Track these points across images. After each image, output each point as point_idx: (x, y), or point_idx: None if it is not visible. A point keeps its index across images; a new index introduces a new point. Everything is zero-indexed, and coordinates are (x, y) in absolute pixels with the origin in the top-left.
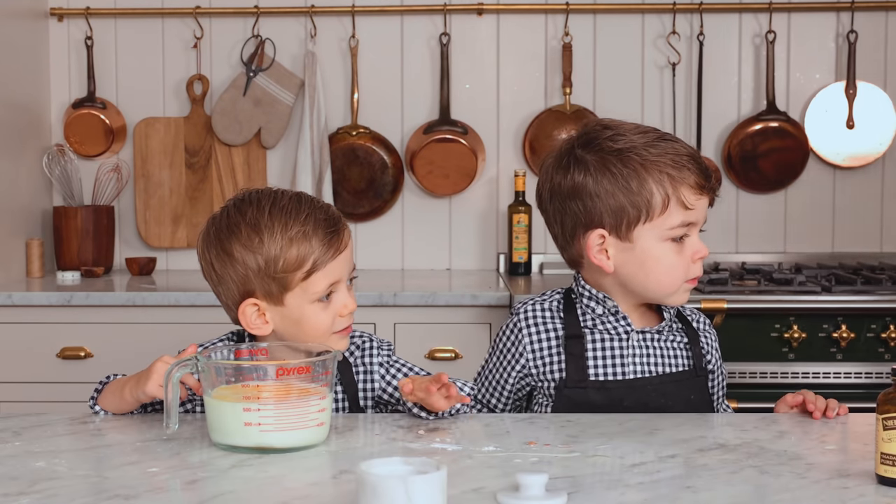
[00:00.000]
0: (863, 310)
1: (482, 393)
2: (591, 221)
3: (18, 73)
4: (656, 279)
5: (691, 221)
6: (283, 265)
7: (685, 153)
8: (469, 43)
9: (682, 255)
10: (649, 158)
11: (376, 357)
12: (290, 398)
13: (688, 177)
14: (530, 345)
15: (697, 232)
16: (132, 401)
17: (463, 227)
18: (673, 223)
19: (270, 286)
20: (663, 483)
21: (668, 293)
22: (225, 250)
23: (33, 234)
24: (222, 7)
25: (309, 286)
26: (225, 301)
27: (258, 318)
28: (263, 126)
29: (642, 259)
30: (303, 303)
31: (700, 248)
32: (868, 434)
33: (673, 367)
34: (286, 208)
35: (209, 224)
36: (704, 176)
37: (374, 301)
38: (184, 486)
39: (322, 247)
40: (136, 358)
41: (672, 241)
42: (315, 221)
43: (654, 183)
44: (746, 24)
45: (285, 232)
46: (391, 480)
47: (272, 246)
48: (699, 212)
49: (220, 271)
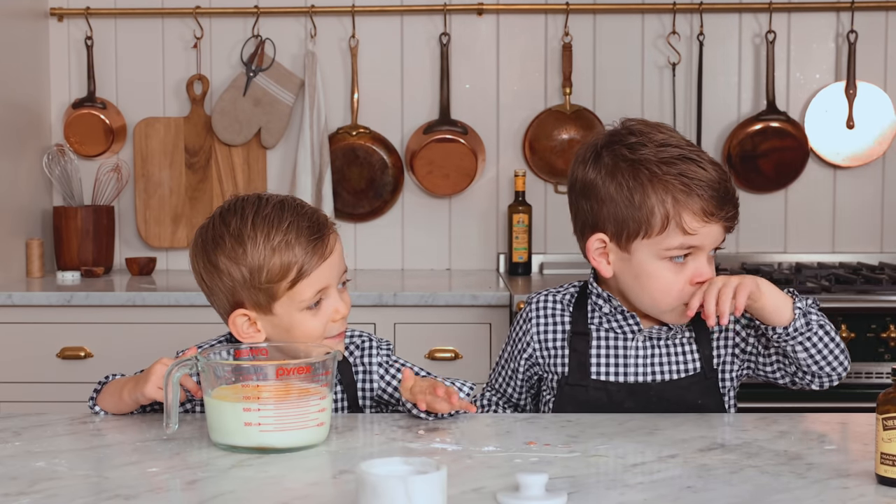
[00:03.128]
0: (863, 310)
1: (497, 380)
2: (595, 224)
3: (18, 73)
4: (650, 295)
5: (693, 245)
6: (268, 275)
7: (700, 178)
8: (469, 43)
9: (679, 276)
10: (658, 175)
11: (375, 357)
12: (290, 398)
13: (695, 202)
14: (537, 335)
15: (705, 255)
16: (130, 402)
17: (463, 227)
18: (671, 244)
19: (258, 297)
20: (663, 483)
21: (662, 311)
22: (211, 262)
23: (33, 234)
24: (222, 7)
25: (296, 294)
26: (217, 310)
27: (249, 327)
28: (263, 126)
29: (637, 272)
30: (291, 311)
31: (703, 272)
32: (868, 434)
33: (680, 371)
34: (269, 217)
35: (197, 235)
36: (717, 204)
37: (374, 301)
38: (184, 486)
39: (306, 254)
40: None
41: (670, 260)
42: (298, 229)
43: (656, 201)
44: (746, 24)
45: (268, 242)
46: (391, 480)
47: (255, 256)
48: (704, 238)
49: (209, 283)
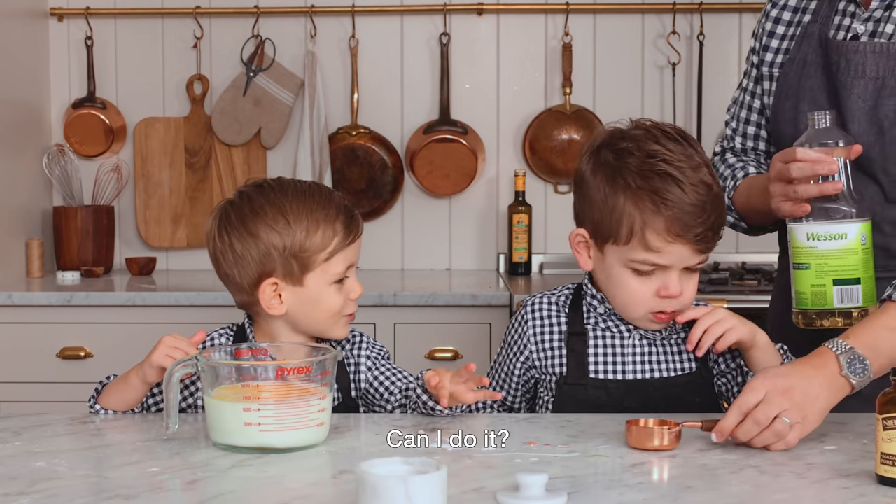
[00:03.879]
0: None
1: (491, 385)
2: (580, 218)
3: (18, 73)
4: (621, 300)
5: (656, 263)
6: (309, 245)
7: (673, 198)
8: (469, 43)
9: (646, 287)
10: (632, 188)
11: (364, 350)
12: (290, 398)
13: (659, 221)
14: (534, 336)
15: (675, 272)
16: (138, 383)
17: (463, 227)
18: (635, 257)
19: (292, 266)
20: (663, 483)
21: (632, 317)
22: (249, 231)
23: (33, 234)
24: (222, 7)
25: (329, 267)
26: (238, 282)
27: (274, 297)
28: (263, 126)
29: (608, 275)
30: (322, 284)
31: (670, 286)
32: (868, 434)
33: (677, 369)
34: (308, 193)
35: (225, 208)
36: (683, 226)
37: (374, 301)
38: (184, 486)
39: (344, 230)
40: (136, 358)
41: (636, 271)
42: (337, 208)
43: (625, 213)
44: (746, 24)
45: (311, 214)
46: (391, 480)
47: (298, 227)
48: (669, 257)
49: (240, 252)
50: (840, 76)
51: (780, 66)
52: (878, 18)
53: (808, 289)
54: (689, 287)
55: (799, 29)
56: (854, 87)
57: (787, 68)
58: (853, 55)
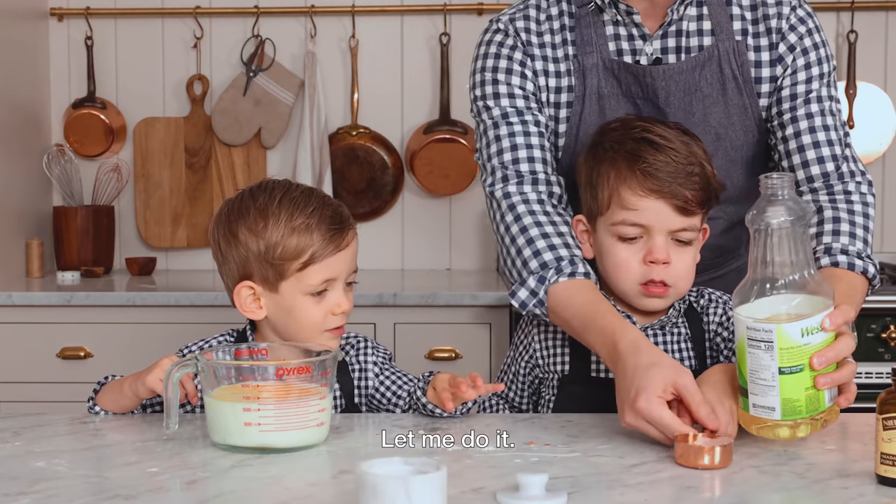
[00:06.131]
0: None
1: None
2: (579, 205)
3: (18, 73)
4: (614, 275)
5: (637, 223)
6: (282, 252)
7: (648, 157)
8: (469, 43)
9: (633, 255)
10: (609, 153)
11: (370, 356)
12: (290, 398)
13: (634, 177)
14: (538, 335)
15: (662, 236)
16: (131, 395)
17: (463, 227)
18: (615, 219)
19: (268, 272)
20: (663, 483)
21: (626, 294)
22: (231, 231)
23: (33, 234)
24: (222, 7)
25: (303, 277)
26: (226, 282)
27: (252, 301)
28: (263, 126)
29: (600, 251)
30: (296, 293)
31: (653, 249)
32: (868, 434)
33: None
34: (296, 199)
35: (223, 206)
36: (658, 182)
37: (374, 301)
38: (184, 486)
39: (322, 241)
40: (136, 358)
41: (621, 239)
42: (321, 216)
43: (604, 179)
44: None
45: (290, 221)
46: (391, 480)
47: (275, 232)
48: (648, 215)
49: (224, 252)
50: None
51: (566, 106)
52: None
53: (801, 394)
54: (680, 259)
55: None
56: (669, 108)
57: (577, 105)
58: (659, 79)
